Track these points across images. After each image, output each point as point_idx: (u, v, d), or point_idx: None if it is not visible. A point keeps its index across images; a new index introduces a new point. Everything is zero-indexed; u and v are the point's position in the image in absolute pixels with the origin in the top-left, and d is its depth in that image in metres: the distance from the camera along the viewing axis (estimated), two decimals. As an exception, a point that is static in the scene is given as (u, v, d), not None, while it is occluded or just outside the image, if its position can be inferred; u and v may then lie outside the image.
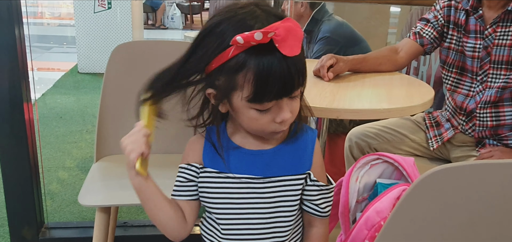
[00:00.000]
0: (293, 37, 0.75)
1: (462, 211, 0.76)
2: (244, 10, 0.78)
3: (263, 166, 0.87)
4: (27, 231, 1.79)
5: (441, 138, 1.62)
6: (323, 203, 0.92)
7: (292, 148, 0.89)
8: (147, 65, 1.54)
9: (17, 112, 1.61)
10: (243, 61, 0.75)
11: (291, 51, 0.75)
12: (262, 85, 0.76)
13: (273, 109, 0.80)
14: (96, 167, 1.50)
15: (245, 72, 0.75)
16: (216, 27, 0.78)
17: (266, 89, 0.76)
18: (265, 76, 0.75)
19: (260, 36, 0.72)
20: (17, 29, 1.55)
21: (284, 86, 0.77)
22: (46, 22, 9.20)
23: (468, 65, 1.55)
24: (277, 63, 0.75)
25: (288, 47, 0.74)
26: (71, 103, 3.85)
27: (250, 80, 0.75)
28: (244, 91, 0.77)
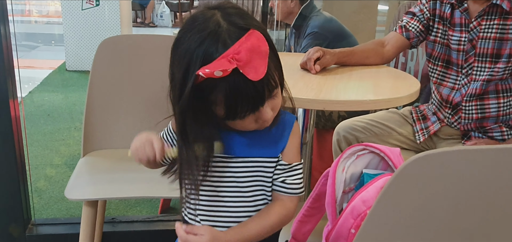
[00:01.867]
0: (256, 57, 0.75)
1: (446, 198, 0.76)
2: (207, 26, 0.76)
3: (242, 146, 0.88)
4: (14, 228, 1.77)
5: (428, 131, 1.64)
6: (286, 178, 0.91)
7: (271, 132, 0.89)
8: (134, 59, 1.55)
9: (2, 110, 1.60)
10: (212, 85, 0.75)
11: (256, 75, 0.75)
12: (233, 106, 0.77)
13: (254, 114, 0.81)
14: (83, 161, 1.49)
15: (215, 94, 0.77)
16: (181, 50, 0.78)
17: (237, 109, 0.78)
18: (234, 97, 0.76)
19: (220, 74, 0.73)
20: (2, 27, 1.54)
21: (254, 102, 0.78)
22: (33, 20, 9.11)
23: (453, 58, 1.56)
24: (243, 84, 0.75)
25: (252, 71, 0.74)
26: (59, 101, 3.82)
27: (222, 102, 0.77)
28: (218, 110, 0.79)
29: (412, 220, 0.78)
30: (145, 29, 8.37)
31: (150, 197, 1.77)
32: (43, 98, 3.86)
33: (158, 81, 1.55)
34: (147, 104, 1.53)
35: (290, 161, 0.91)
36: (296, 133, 0.92)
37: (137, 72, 1.54)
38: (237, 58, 0.73)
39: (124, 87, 1.54)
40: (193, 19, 0.79)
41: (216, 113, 0.81)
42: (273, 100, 0.82)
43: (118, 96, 1.54)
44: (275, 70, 0.81)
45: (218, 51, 0.74)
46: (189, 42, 0.77)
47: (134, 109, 1.57)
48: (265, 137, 0.88)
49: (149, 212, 2.12)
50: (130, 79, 1.54)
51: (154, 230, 1.88)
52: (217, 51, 0.74)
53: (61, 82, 4.47)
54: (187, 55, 0.76)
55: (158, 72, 1.53)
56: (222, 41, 0.75)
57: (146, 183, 1.35)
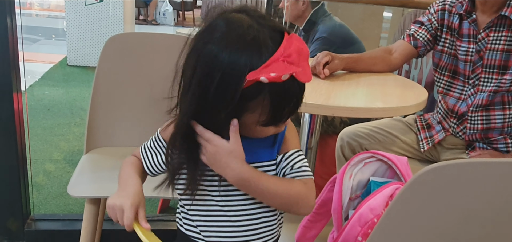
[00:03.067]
0: (303, 59, 0.74)
1: (456, 209, 0.76)
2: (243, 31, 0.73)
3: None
4: (13, 223, 1.76)
5: (432, 139, 1.63)
6: (294, 165, 0.85)
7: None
8: (140, 57, 1.54)
9: (6, 102, 1.59)
10: (259, 89, 0.72)
11: (306, 77, 0.74)
12: (279, 109, 0.75)
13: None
14: (86, 158, 1.48)
15: (261, 99, 0.74)
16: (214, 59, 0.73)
17: (282, 114, 0.77)
18: (282, 100, 0.75)
19: (286, 77, 0.71)
20: (9, 19, 1.53)
21: (297, 104, 0.77)
22: (35, 13, 9.09)
23: (460, 69, 1.56)
24: (291, 87, 0.73)
25: (304, 74, 0.73)
26: (60, 96, 3.80)
27: (266, 106, 0.74)
28: (259, 115, 0.76)
29: (422, 231, 0.78)
30: (147, 26, 8.36)
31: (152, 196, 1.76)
32: (43, 93, 3.84)
33: (163, 80, 1.54)
34: (151, 103, 1.51)
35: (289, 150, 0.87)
36: (290, 127, 0.88)
37: (142, 70, 1.53)
38: (290, 61, 0.72)
39: (129, 85, 1.53)
40: (215, 26, 0.75)
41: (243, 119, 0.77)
42: None
43: (123, 94, 1.53)
44: None
45: (262, 55, 0.71)
46: (224, 49, 0.72)
47: (138, 108, 1.56)
48: (260, 141, 0.84)
49: (148, 211, 2.11)
50: (135, 77, 1.53)
51: (153, 229, 1.85)
52: (262, 56, 0.71)
53: (62, 77, 4.45)
54: (226, 63, 0.71)
55: (163, 71, 1.52)
56: (264, 44, 0.72)
57: (148, 182, 1.33)
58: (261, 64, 0.71)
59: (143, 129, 1.55)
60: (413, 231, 0.78)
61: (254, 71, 0.70)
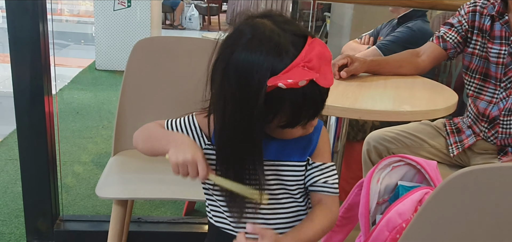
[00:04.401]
0: (324, 64, 0.74)
1: (488, 215, 0.74)
2: (264, 36, 0.74)
3: (272, 150, 0.85)
4: (42, 223, 1.80)
5: (462, 144, 1.59)
6: (327, 179, 0.87)
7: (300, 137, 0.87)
8: (168, 61, 1.55)
9: (38, 105, 1.63)
10: (279, 94, 0.73)
11: (327, 82, 0.74)
12: (298, 113, 0.77)
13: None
14: (114, 160, 1.50)
15: (282, 103, 0.75)
16: (237, 64, 0.74)
17: (299, 117, 0.77)
18: (302, 105, 0.75)
19: (304, 83, 0.72)
20: (41, 24, 1.57)
21: (318, 108, 0.78)
22: (65, 19, 9.32)
23: (492, 72, 1.52)
24: (311, 91, 0.74)
25: (323, 78, 0.74)
26: (88, 99, 3.88)
27: (287, 110, 0.76)
28: (279, 119, 0.77)
29: (452, 237, 0.76)
30: (173, 31, 8.46)
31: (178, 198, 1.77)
32: (72, 96, 3.93)
33: (190, 83, 1.55)
34: (179, 106, 1.52)
35: (324, 162, 0.89)
36: (325, 135, 0.91)
37: (169, 74, 1.55)
38: (310, 67, 0.72)
39: (156, 88, 1.55)
40: (241, 32, 0.76)
41: (269, 122, 0.78)
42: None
43: (150, 96, 1.55)
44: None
45: (283, 61, 0.73)
46: (248, 55, 0.73)
47: (165, 110, 1.57)
48: (292, 142, 0.86)
49: (174, 213, 2.12)
50: (162, 80, 1.55)
51: (178, 231, 1.88)
52: (282, 61, 0.73)
53: (90, 81, 4.54)
54: (249, 69, 0.73)
55: (190, 74, 1.54)
56: (285, 50, 0.73)
57: (173, 184, 1.35)
58: (282, 70, 0.72)
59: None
60: (443, 237, 0.76)
61: (274, 77, 0.72)
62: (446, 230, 0.75)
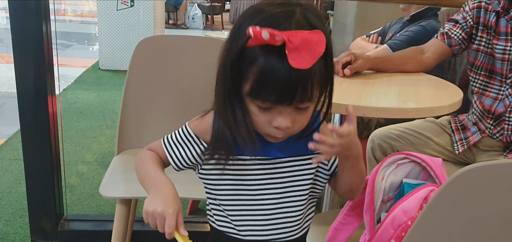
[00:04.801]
0: (308, 50, 0.72)
1: (494, 212, 0.73)
2: (285, 8, 0.76)
3: (275, 147, 0.85)
4: (47, 223, 1.80)
5: (467, 141, 1.58)
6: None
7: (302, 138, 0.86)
8: (171, 60, 1.55)
9: (41, 105, 1.63)
10: (254, 55, 0.74)
11: (298, 63, 0.71)
12: (261, 83, 0.74)
13: (273, 112, 0.77)
14: (117, 159, 1.50)
15: (253, 66, 0.74)
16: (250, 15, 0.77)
17: (263, 89, 0.74)
18: (266, 75, 0.73)
19: (267, 36, 0.71)
20: (44, 25, 1.57)
21: (282, 93, 0.74)
22: (68, 19, 9.34)
23: (497, 68, 1.51)
24: (280, 68, 0.72)
25: (297, 58, 0.71)
26: (92, 99, 3.89)
27: (254, 75, 0.74)
28: (247, 84, 0.76)
29: (458, 234, 0.75)
30: (176, 30, 8.46)
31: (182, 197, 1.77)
32: (76, 96, 3.94)
33: (193, 81, 1.55)
34: (182, 105, 1.53)
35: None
36: (325, 128, 0.89)
37: (172, 73, 1.54)
38: (290, 40, 0.71)
39: (160, 87, 1.55)
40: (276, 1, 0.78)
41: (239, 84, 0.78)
42: (298, 113, 0.78)
43: (153, 95, 1.55)
44: (319, 86, 0.77)
45: (280, 26, 0.73)
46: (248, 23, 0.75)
47: (168, 109, 1.57)
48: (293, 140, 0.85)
49: (178, 212, 2.12)
50: (166, 79, 1.54)
51: (183, 231, 1.87)
52: (280, 26, 0.73)
53: (94, 81, 4.55)
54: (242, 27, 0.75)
55: (194, 73, 1.54)
56: (289, 23, 0.73)
57: (176, 183, 1.34)
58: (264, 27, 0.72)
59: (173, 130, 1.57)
60: (449, 235, 0.75)
61: (253, 26, 0.72)
62: (452, 227, 0.75)
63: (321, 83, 0.78)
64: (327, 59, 0.77)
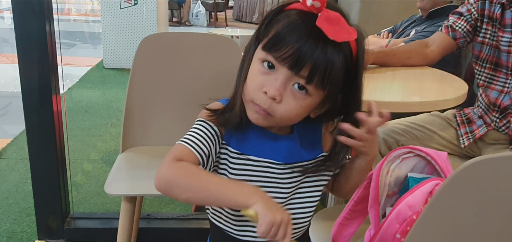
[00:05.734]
0: (338, 27, 0.72)
1: (500, 205, 0.72)
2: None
3: (285, 151, 0.84)
4: (53, 221, 1.81)
5: (473, 135, 1.57)
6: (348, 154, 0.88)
7: (306, 131, 0.86)
8: (174, 57, 1.55)
9: (46, 104, 1.64)
10: (288, 13, 0.75)
11: (325, 27, 0.71)
12: (281, 35, 0.73)
13: (270, 77, 0.75)
14: (122, 157, 1.51)
15: (282, 20, 0.75)
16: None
17: (280, 41, 0.73)
18: (289, 28, 0.73)
19: (310, 2, 0.73)
20: (47, 24, 1.58)
21: (293, 54, 0.72)
22: (72, 18, 9.37)
23: (503, 61, 1.49)
24: (303, 29, 0.72)
25: (325, 23, 0.71)
26: (97, 98, 3.90)
27: (279, 27, 0.74)
28: (268, 37, 0.76)
29: (464, 228, 0.75)
30: (180, 28, 8.46)
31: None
32: (81, 95, 3.95)
33: (197, 78, 1.55)
34: (186, 102, 1.53)
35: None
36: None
37: (176, 70, 1.54)
38: (326, 11, 0.73)
39: (164, 84, 1.55)
40: None
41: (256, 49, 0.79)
42: (292, 95, 0.75)
43: (157, 93, 1.55)
44: (328, 84, 0.74)
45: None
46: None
47: (172, 107, 1.57)
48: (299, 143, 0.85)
49: (183, 209, 2.13)
50: (169, 76, 1.54)
51: (188, 227, 1.88)
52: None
53: (98, 79, 4.56)
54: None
55: (197, 69, 1.54)
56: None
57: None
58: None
59: (178, 128, 1.57)
60: (454, 228, 0.75)
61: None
62: (457, 221, 0.74)
63: (332, 85, 0.75)
64: (350, 72, 0.77)
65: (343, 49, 0.75)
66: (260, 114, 0.77)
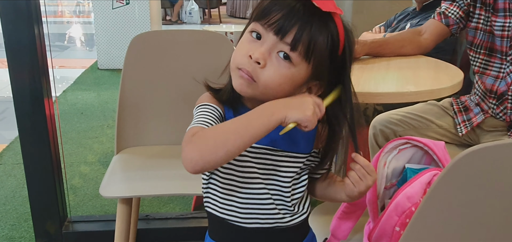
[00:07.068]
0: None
1: (500, 193, 0.71)
2: None
3: (283, 138, 0.83)
4: (51, 226, 1.79)
5: (470, 123, 1.56)
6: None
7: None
8: (165, 55, 1.54)
9: (37, 108, 1.62)
10: None
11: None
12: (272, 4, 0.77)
13: (257, 44, 0.78)
14: (117, 159, 1.49)
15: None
16: None
17: (270, 8, 0.77)
18: (277, 2, 0.77)
19: None
20: (36, 27, 1.56)
21: (281, 18, 0.75)
22: (65, 20, 9.32)
23: (497, 46, 1.48)
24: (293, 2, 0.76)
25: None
26: (92, 99, 3.88)
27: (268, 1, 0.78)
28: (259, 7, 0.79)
29: (463, 218, 0.74)
30: (174, 26, 8.42)
31: (184, 194, 1.76)
32: (76, 97, 3.93)
33: (190, 76, 1.53)
34: (179, 100, 1.51)
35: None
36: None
37: (168, 68, 1.53)
38: None
39: (156, 83, 1.54)
40: None
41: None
42: (277, 62, 0.77)
43: (150, 92, 1.54)
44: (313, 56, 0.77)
45: None
46: None
47: (166, 106, 1.56)
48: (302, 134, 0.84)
49: (183, 208, 2.11)
50: (161, 75, 1.53)
51: (187, 227, 1.87)
52: None
53: (93, 81, 4.54)
54: None
55: (190, 67, 1.52)
56: None
57: (179, 180, 1.34)
58: None
59: (172, 126, 1.56)
60: (454, 219, 0.74)
61: None
62: (457, 211, 0.73)
63: (316, 61, 0.78)
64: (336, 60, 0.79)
65: (330, 30, 0.78)
66: (244, 80, 0.79)
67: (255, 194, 0.86)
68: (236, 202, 0.86)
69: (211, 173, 0.88)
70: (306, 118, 0.74)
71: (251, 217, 0.86)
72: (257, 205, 0.86)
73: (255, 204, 0.86)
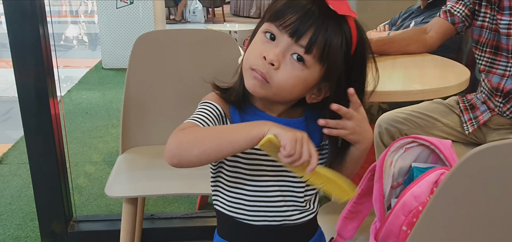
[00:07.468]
0: (343, 2, 0.75)
1: (509, 193, 0.71)
2: None
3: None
4: (56, 225, 1.80)
5: (477, 121, 1.56)
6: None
7: (313, 118, 0.85)
8: (170, 54, 1.54)
9: (43, 108, 1.62)
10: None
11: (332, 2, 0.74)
12: (287, 5, 0.76)
13: (271, 45, 0.78)
14: (122, 158, 1.49)
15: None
16: None
17: (285, 10, 0.76)
18: (291, 3, 0.76)
19: None
20: (41, 27, 1.56)
21: (296, 21, 0.75)
22: (70, 20, 9.34)
23: (503, 44, 1.47)
24: (309, 4, 0.75)
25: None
26: (96, 99, 3.89)
27: (283, 2, 0.77)
28: (274, 8, 0.78)
29: (471, 217, 0.73)
30: (178, 25, 8.43)
31: (189, 193, 1.76)
32: (81, 97, 3.94)
33: (194, 74, 1.54)
34: (184, 99, 1.51)
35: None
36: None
37: (173, 67, 1.53)
38: None
39: (161, 82, 1.54)
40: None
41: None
42: (291, 64, 0.77)
43: (155, 92, 1.54)
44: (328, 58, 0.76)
45: None
46: None
47: (171, 105, 1.56)
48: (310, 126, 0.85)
49: (187, 208, 2.12)
50: (166, 74, 1.53)
51: (192, 226, 1.87)
52: None
53: (97, 81, 4.55)
54: None
55: (194, 66, 1.52)
56: None
57: (184, 179, 1.34)
58: None
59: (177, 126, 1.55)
60: (462, 218, 0.73)
61: None
62: (465, 210, 0.73)
63: (330, 64, 0.77)
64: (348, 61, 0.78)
65: (344, 32, 0.77)
66: (257, 81, 0.78)
67: (262, 191, 0.85)
68: (243, 199, 0.86)
69: (217, 169, 0.87)
70: (286, 135, 0.69)
71: (259, 214, 0.86)
72: (265, 202, 0.85)
73: (263, 201, 0.85)
